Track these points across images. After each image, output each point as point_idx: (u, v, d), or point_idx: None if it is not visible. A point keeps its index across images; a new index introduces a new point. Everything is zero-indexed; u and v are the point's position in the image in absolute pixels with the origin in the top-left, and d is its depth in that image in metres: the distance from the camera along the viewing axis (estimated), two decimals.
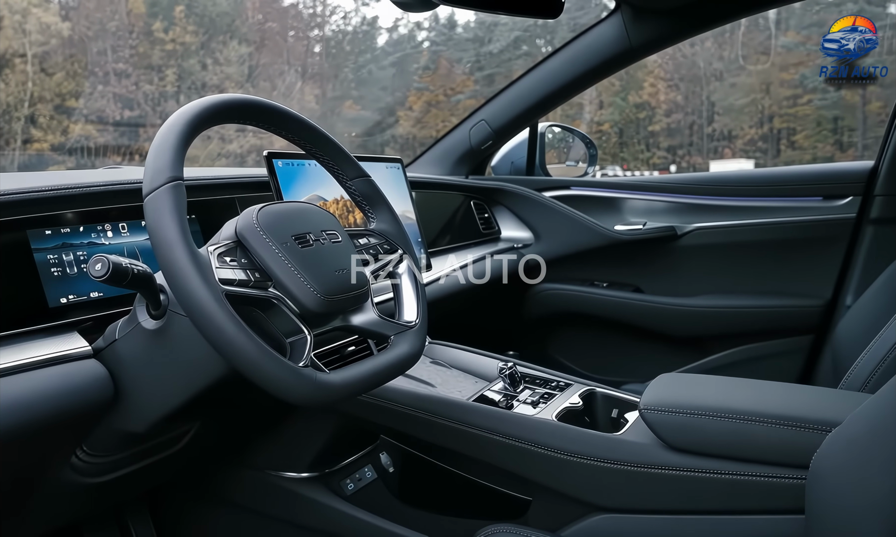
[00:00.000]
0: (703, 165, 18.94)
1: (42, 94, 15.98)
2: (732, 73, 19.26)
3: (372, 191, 1.09)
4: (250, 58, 19.35)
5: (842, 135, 17.54)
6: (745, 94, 18.74)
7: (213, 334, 0.76)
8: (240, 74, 19.06)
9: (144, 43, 18.10)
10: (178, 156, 0.81)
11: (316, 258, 0.88)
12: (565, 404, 1.25)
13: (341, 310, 0.94)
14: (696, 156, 19.70)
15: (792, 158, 17.49)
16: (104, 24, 17.50)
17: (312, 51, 20.70)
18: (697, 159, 19.46)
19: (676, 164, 19.30)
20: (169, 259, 0.76)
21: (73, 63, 16.45)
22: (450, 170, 2.33)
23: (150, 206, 0.78)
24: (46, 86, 16.05)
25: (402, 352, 0.99)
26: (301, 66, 20.23)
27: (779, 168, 2.05)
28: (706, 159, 19.21)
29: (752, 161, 17.77)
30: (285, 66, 19.82)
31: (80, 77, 16.70)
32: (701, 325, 2.07)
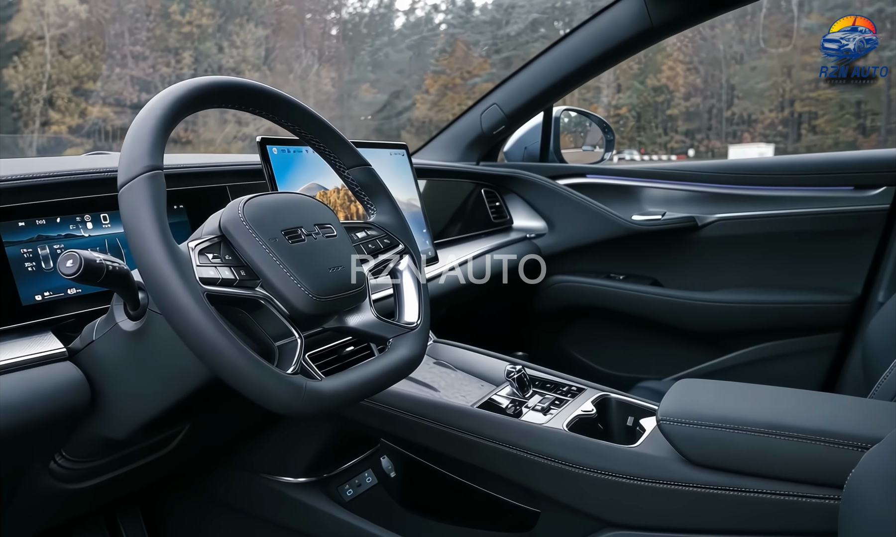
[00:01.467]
0: (721, 149, 18.71)
1: (60, 77, 16.05)
2: (753, 56, 18.95)
3: (371, 181, 1.02)
4: (267, 40, 19.29)
5: (865, 119, 17.19)
6: (766, 78, 18.43)
7: (192, 338, 0.69)
8: (256, 57, 19.02)
9: (161, 25, 18.09)
10: (157, 144, 0.75)
11: (308, 255, 0.82)
12: (577, 411, 1.17)
13: (336, 311, 0.88)
14: (714, 141, 19.44)
15: (813, 143, 17.22)
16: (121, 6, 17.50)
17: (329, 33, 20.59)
18: (716, 143, 19.21)
19: (694, 149, 19.07)
20: (144, 255, 0.69)
21: (90, 45, 16.48)
22: (460, 156, 2.25)
23: (125, 198, 0.71)
24: (64, 68, 16.11)
25: (401, 357, 0.92)
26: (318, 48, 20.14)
27: (807, 155, 1.94)
28: (725, 143, 18.97)
29: (772, 145, 17.51)
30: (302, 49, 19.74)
31: (98, 59, 16.74)
32: (721, 321, 1.98)
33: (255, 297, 0.78)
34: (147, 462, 1.11)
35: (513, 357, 1.39)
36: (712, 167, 2.07)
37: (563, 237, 2.15)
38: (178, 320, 0.69)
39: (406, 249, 1.02)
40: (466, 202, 2.07)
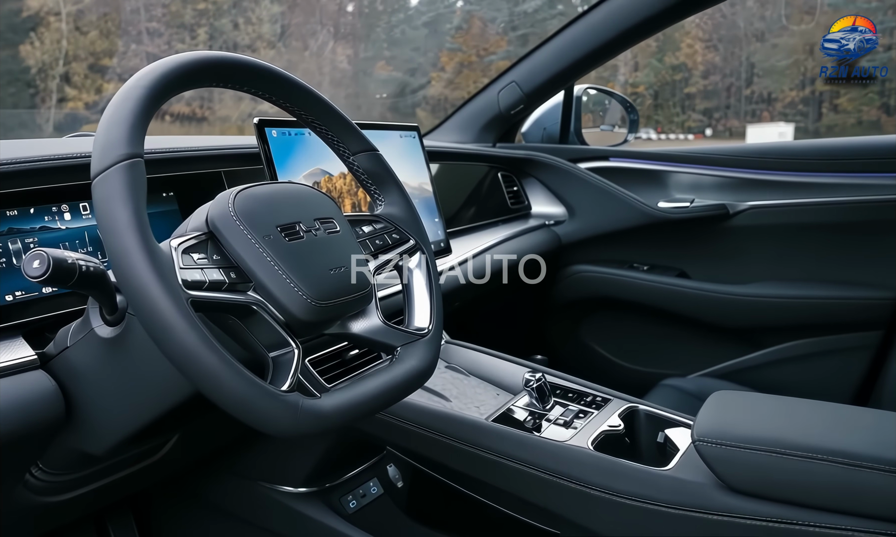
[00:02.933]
0: (739, 129, 18.42)
1: (76, 53, 16.06)
2: (774, 34, 18.58)
3: (379, 169, 0.92)
4: (282, 17, 19.14)
5: (889, 97, 16.83)
6: (788, 55, 18.09)
7: (172, 350, 0.61)
8: (272, 34, 18.90)
9: (177, 2, 18.01)
10: (137, 128, 0.66)
11: (307, 254, 0.74)
12: (603, 426, 1.06)
13: (337, 317, 0.80)
14: (732, 120, 19.16)
15: (834, 122, 16.91)
16: None
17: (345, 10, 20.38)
18: (734, 122, 18.92)
19: (712, 128, 18.81)
20: (119, 256, 0.61)
21: (106, 22, 16.45)
22: (476, 137, 2.13)
23: (99, 190, 0.63)
24: (80, 44, 16.12)
25: (410, 369, 0.82)
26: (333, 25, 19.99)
27: (849, 139, 1.80)
28: (743, 122, 18.68)
29: (792, 125, 17.21)
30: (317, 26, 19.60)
31: (114, 36, 16.71)
32: (753, 316, 1.86)
33: (246, 303, 0.69)
34: (134, 470, 1.04)
35: (531, 361, 1.29)
36: (745, 151, 1.93)
37: (583, 224, 2.03)
38: (156, 330, 0.61)
39: (417, 245, 0.92)
40: (482, 187, 1.96)
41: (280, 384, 0.68)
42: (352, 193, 1.36)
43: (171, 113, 12.40)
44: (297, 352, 0.71)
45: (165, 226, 1.01)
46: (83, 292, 0.72)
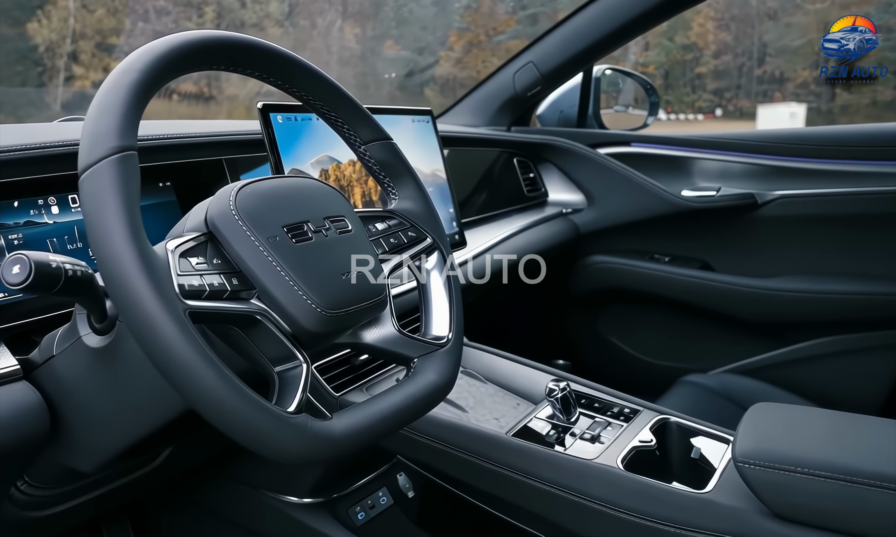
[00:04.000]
0: (750, 109, 18.19)
1: (84, 31, 15.99)
2: (788, 13, 18.28)
3: (393, 159, 0.85)
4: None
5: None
6: (801, 35, 17.79)
7: (168, 368, 0.55)
8: (279, 12, 18.69)
9: None
10: (129, 118, 0.59)
11: (316, 257, 0.67)
12: (633, 442, 0.98)
13: (349, 327, 0.73)
14: (743, 100, 18.92)
15: (848, 102, 16.63)
16: None
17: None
18: (745, 103, 18.68)
19: (722, 108, 18.58)
20: (109, 261, 0.55)
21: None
22: (489, 121, 2.04)
23: (87, 187, 0.56)
24: (88, 22, 16.05)
25: (428, 383, 0.75)
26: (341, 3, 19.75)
27: (887, 124, 1.70)
28: (754, 102, 18.44)
29: (804, 105, 16.99)
30: (326, 4, 19.36)
31: (121, 14, 16.61)
32: (779, 311, 1.77)
33: (249, 313, 0.62)
34: (127, 481, 0.98)
35: (553, 366, 1.21)
36: (776, 137, 1.82)
37: (603, 213, 1.94)
38: (150, 345, 0.55)
39: (434, 244, 0.85)
40: (496, 173, 1.87)
41: (287, 404, 0.61)
42: (361, 182, 1.28)
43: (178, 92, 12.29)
44: (304, 366, 0.64)
45: (162, 219, 0.95)
46: (69, 298, 0.65)
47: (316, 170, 1.12)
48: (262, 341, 0.64)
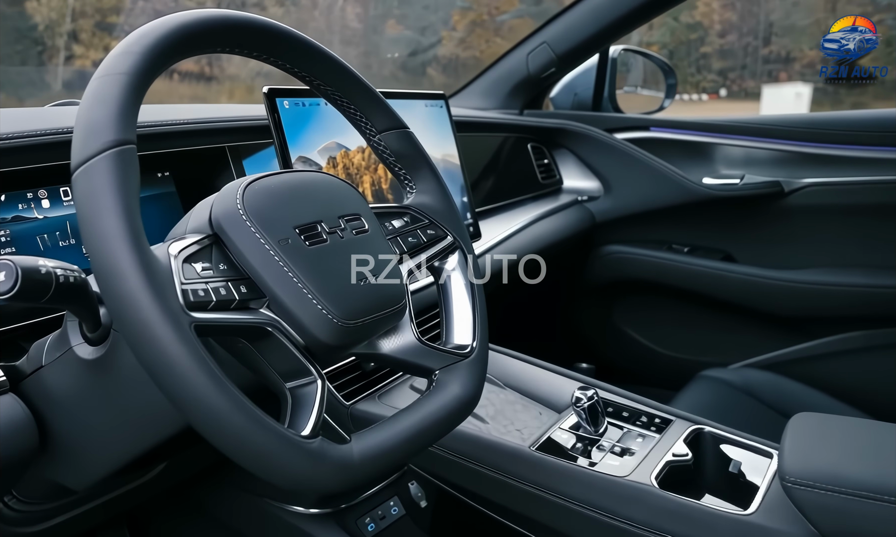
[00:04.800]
0: (755, 89, 18.05)
1: (83, 10, 15.93)
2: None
3: (410, 150, 0.79)
4: None
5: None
6: (809, 14, 17.60)
7: (171, 388, 0.49)
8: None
9: None
10: (128, 107, 0.53)
11: (332, 262, 0.62)
12: (667, 456, 0.91)
13: (367, 337, 0.66)
14: (748, 80, 18.77)
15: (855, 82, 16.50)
16: None
17: None
18: (750, 83, 18.53)
19: (727, 88, 18.44)
20: (106, 269, 0.49)
21: None
22: (501, 103, 1.95)
23: (81, 185, 0.51)
24: (87, 1, 15.98)
25: (452, 398, 0.69)
26: None
27: None
28: (759, 82, 18.29)
29: (810, 85, 16.85)
30: None
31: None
32: (805, 304, 1.70)
33: (260, 324, 0.57)
34: (125, 492, 0.92)
35: (577, 370, 1.14)
36: (804, 121, 1.74)
37: (620, 201, 1.86)
38: (150, 360, 0.49)
39: (455, 243, 0.79)
40: (510, 159, 1.80)
41: (301, 426, 0.56)
42: (371, 170, 1.21)
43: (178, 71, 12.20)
44: (319, 383, 0.58)
45: (161, 213, 0.90)
46: (62, 307, 0.60)
47: (323, 158, 1.06)
48: (272, 354, 0.58)
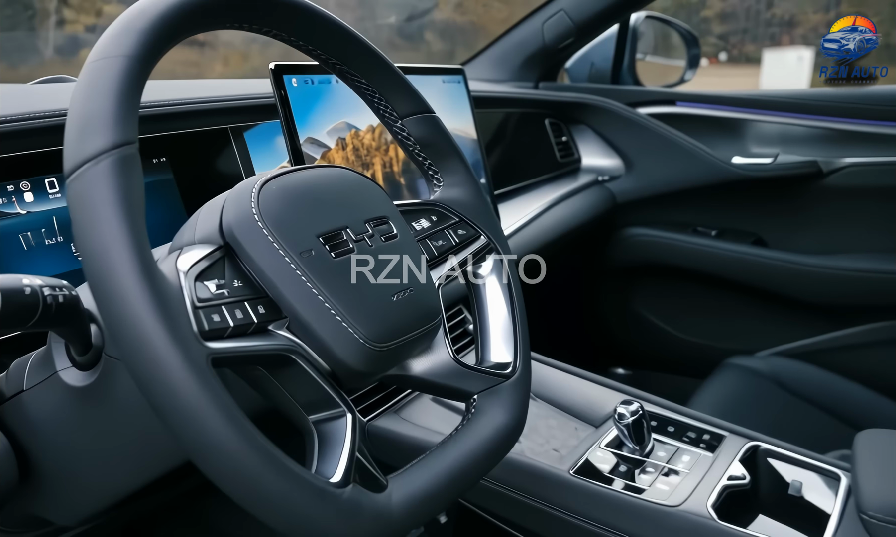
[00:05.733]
0: (755, 53, 17.84)
1: None
2: None
3: (437, 138, 0.70)
4: None
5: None
6: None
7: (183, 430, 0.42)
8: None
9: None
10: (128, 100, 0.46)
11: (361, 275, 0.54)
12: (723, 480, 0.80)
13: (400, 361, 0.59)
14: (749, 45, 18.57)
15: None
16: None
17: None
18: (750, 47, 18.34)
19: (727, 52, 18.25)
20: (108, 291, 0.42)
21: None
22: (514, 75, 1.83)
23: (77, 194, 0.43)
24: None
25: (496, 427, 0.61)
26: None
27: None
28: (760, 46, 18.10)
29: (812, 49, 16.66)
30: None
31: None
32: (839, 291, 1.60)
33: (281, 352, 0.50)
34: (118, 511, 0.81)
35: (612, 377, 1.07)
36: (844, 97, 1.62)
37: (642, 180, 1.75)
38: (159, 399, 0.42)
39: (490, 244, 0.71)
40: (526, 137, 1.68)
41: (329, 470, 0.48)
42: (381, 150, 1.11)
43: None
44: (350, 418, 0.51)
45: (157, 203, 0.81)
46: (50, 329, 0.53)
47: (332, 139, 0.98)
48: (293, 382, 0.51)
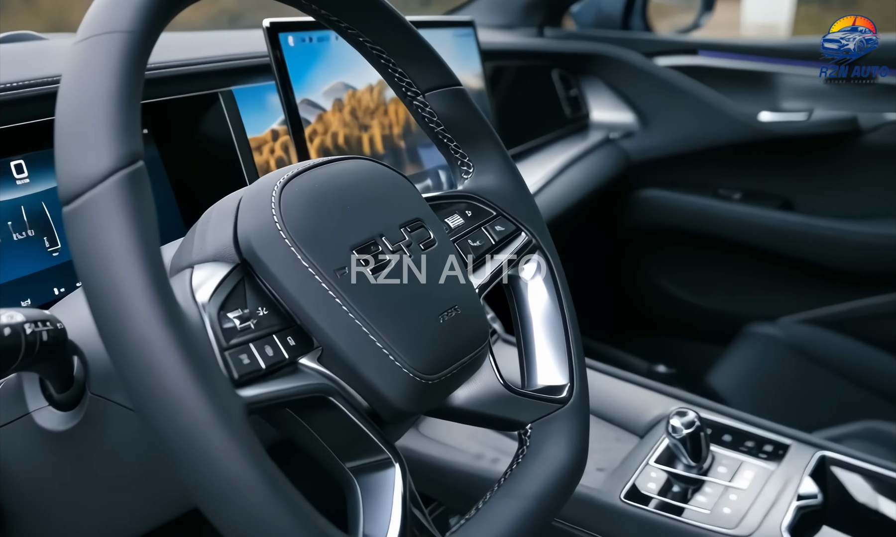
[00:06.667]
0: None
1: None
2: None
3: (465, 115, 0.59)
4: None
5: None
6: None
7: (211, 494, 0.34)
8: None
9: None
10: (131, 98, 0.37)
11: (402, 293, 0.47)
12: (793, 501, 0.71)
13: (448, 393, 0.51)
14: None
15: None
16: None
17: None
18: None
19: None
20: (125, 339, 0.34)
21: None
22: (515, 20, 1.66)
23: (80, 226, 0.35)
24: None
25: (557, 465, 0.53)
26: None
27: None
28: None
29: None
30: None
31: None
32: (872, 257, 1.49)
33: (317, 393, 0.42)
34: None
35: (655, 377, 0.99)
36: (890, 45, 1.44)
37: (659, 138, 1.61)
38: (191, 466, 0.34)
39: (533, 241, 0.60)
40: (532, 91, 1.53)
41: (378, 529, 0.42)
42: (380, 111, 0.99)
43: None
44: (398, 468, 0.44)
45: None
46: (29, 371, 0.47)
47: (329, 101, 0.89)
48: (327, 424, 0.44)
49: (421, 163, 1.02)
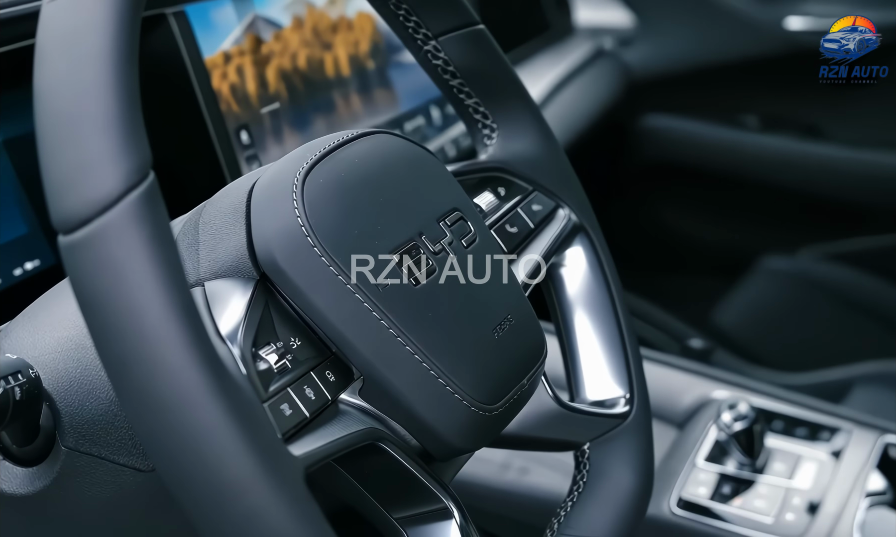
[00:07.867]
0: None
1: None
2: None
3: (489, 64, 0.52)
4: None
5: None
6: None
7: None
8: None
9: None
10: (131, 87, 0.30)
11: (451, 305, 0.41)
12: (863, 498, 0.71)
13: (507, 422, 0.44)
14: None
15: None
16: None
17: None
18: None
19: None
20: (156, 397, 0.28)
21: None
22: None
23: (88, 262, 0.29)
24: None
25: (622, 491, 0.49)
26: None
27: None
28: None
29: None
30: None
31: None
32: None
33: (368, 440, 0.37)
34: None
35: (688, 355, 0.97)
36: None
37: (662, 48, 1.41)
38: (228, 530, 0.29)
39: (575, 222, 0.54)
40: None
41: None
42: (345, 27, 0.87)
43: None
44: (458, 518, 0.39)
45: None
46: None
47: (288, 17, 0.84)
48: (371, 472, 0.40)
49: (393, 88, 0.93)
